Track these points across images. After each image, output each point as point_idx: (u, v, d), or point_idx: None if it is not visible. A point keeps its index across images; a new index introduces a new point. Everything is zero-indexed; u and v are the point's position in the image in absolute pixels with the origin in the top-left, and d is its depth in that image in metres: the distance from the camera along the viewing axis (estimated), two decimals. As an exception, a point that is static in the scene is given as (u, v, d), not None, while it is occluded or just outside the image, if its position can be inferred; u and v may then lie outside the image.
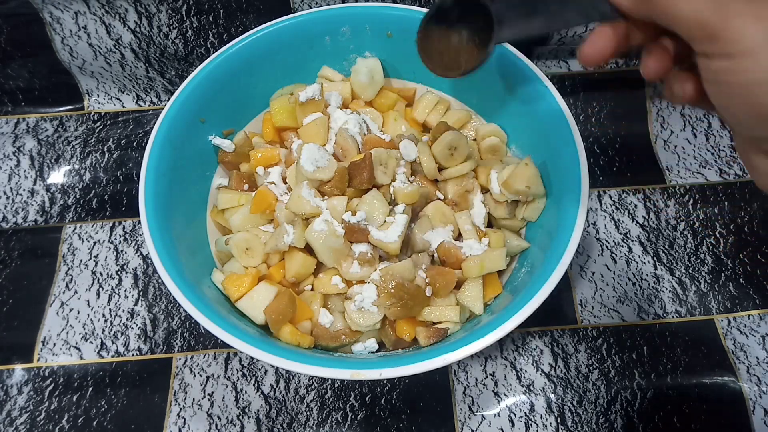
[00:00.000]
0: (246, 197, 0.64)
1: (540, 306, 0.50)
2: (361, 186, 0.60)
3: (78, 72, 0.83)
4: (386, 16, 0.67)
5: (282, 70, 0.69)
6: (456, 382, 0.66)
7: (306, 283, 0.60)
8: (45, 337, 0.69)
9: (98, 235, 0.76)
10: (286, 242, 0.57)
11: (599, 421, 0.64)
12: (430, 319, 0.57)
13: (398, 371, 0.47)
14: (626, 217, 0.77)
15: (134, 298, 0.71)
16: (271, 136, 0.69)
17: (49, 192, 0.79)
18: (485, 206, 0.64)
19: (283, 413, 0.64)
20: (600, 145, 0.82)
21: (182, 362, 0.67)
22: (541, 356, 0.67)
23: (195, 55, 0.81)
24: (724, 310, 0.70)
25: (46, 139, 0.82)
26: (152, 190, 0.57)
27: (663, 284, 0.72)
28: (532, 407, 0.65)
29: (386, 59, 0.71)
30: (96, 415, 0.64)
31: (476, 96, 0.71)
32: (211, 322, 0.50)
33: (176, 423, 0.64)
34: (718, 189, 0.79)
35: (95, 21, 0.77)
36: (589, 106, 0.84)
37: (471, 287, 0.58)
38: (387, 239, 0.56)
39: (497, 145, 0.67)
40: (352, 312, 0.57)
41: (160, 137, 0.60)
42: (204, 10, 0.77)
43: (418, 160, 0.63)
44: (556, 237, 0.55)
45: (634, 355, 0.67)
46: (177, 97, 0.62)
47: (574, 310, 0.70)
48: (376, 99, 0.70)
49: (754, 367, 0.66)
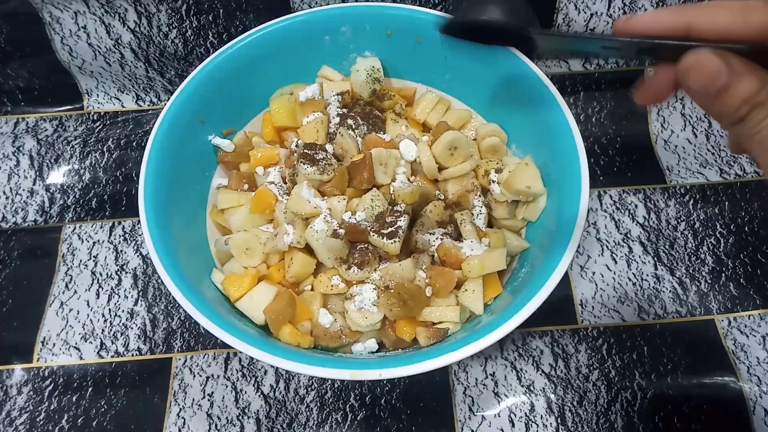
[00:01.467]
0: (246, 197, 0.64)
1: (540, 306, 0.50)
2: (361, 186, 0.60)
3: (77, 72, 0.83)
4: (386, 16, 0.67)
5: (282, 70, 0.69)
6: (456, 382, 0.66)
7: (306, 283, 0.60)
8: (45, 338, 0.69)
9: (98, 235, 0.76)
10: (286, 242, 0.57)
11: (599, 421, 0.64)
12: (430, 319, 0.57)
13: (398, 371, 0.47)
14: (626, 217, 0.77)
15: (134, 298, 0.71)
16: (270, 136, 0.69)
17: (49, 192, 0.79)
18: (485, 206, 0.64)
19: (283, 413, 0.64)
20: (600, 145, 0.82)
21: (182, 362, 0.67)
22: (542, 356, 0.67)
23: (195, 54, 0.81)
24: (724, 310, 0.70)
25: (45, 139, 0.82)
26: (152, 190, 0.57)
27: (663, 284, 0.72)
28: (532, 407, 0.64)
29: (386, 59, 0.70)
30: (96, 415, 0.64)
31: (476, 96, 0.71)
32: (211, 322, 0.50)
33: (176, 423, 0.64)
34: (718, 189, 0.79)
35: (95, 21, 0.77)
36: (589, 106, 0.84)
37: (471, 287, 0.58)
38: (387, 239, 0.56)
39: (497, 145, 0.67)
40: (352, 312, 0.57)
41: (160, 137, 0.60)
42: (204, 9, 0.76)
43: (418, 160, 0.63)
44: (556, 237, 0.55)
45: (634, 355, 0.67)
46: (177, 97, 0.62)
47: (574, 310, 0.70)
48: (375, 99, 0.70)
49: (754, 368, 0.66)
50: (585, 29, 0.78)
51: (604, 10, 0.76)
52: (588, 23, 0.77)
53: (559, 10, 0.77)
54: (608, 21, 0.77)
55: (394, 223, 0.57)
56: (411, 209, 0.60)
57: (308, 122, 0.65)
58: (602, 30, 0.78)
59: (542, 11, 0.77)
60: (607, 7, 0.76)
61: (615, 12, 0.76)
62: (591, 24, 0.77)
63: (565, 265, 0.51)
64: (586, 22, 0.77)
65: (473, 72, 0.68)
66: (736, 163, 0.81)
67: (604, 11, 0.76)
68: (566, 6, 0.76)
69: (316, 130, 0.64)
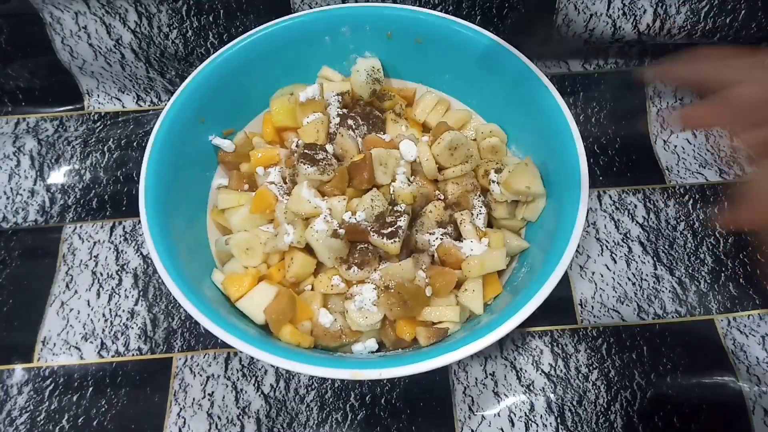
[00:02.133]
0: (246, 197, 0.64)
1: (540, 306, 0.50)
2: (361, 186, 0.60)
3: (78, 72, 0.83)
4: (386, 16, 0.67)
5: (282, 70, 0.69)
6: (456, 382, 0.66)
7: (306, 283, 0.60)
8: (45, 337, 0.69)
9: (98, 235, 0.76)
10: (286, 242, 0.57)
11: (599, 421, 0.64)
12: (430, 319, 0.57)
13: (398, 371, 0.47)
14: (626, 217, 0.77)
15: (134, 298, 0.71)
16: (271, 136, 0.69)
17: (49, 192, 0.79)
18: (485, 206, 0.64)
19: (283, 413, 0.64)
20: (600, 145, 0.82)
21: (182, 362, 0.67)
22: (541, 356, 0.67)
23: (195, 55, 0.81)
24: (724, 310, 0.70)
25: (46, 139, 0.82)
26: (152, 190, 0.57)
27: (663, 284, 0.72)
28: (532, 407, 0.65)
29: (386, 59, 0.71)
30: (96, 415, 0.64)
31: (476, 96, 0.71)
32: (211, 322, 0.50)
33: (176, 423, 0.64)
34: (718, 189, 0.79)
35: (95, 21, 0.77)
36: (589, 106, 0.84)
37: (471, 287, 0.58)
38: (387, 239, 0.56)
39: (497, 145, 0.67)
40: (352, 312, 0.57)
41: (160, 137, 0.60)
42: (204, 10, 0.77)
43: (418, 161, 0.63)
44: (556, 237, 0.55)
45: (634, 355, 0.67)
46: (177, 97, 0.62)
47: (574, 310, 0.70)
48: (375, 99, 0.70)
49: (753, 367, 0.66)
50: (585, 30, 0.78)
51: (603, 11, 0.76)
52: (588, 24, 0.77)
53: (559, 11, 0.77)
54: (608, 22, 0.77)
55: (394, 223, 0.57)
56: (411, 209, 0.60)
57: (308, 122, 0.65)
58: (602, 31, 0.78)
59: (541, 12, 0.77)
60: (607, 8, 0.76)
61: (615, 12, 0.76)
62: (591, 25, 0.77)
63: (564, 265, 0.51)
64: (586, 22, 0.77)
65: (473, 72, 0.68)
66: (735, 163, 0.81)
67: (603, 12, 0.76)
68: (566, 6, 0.76)
69: (316, 130, 0.64)
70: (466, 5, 0.77)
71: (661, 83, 0.40)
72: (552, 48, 0.83)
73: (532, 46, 0.66)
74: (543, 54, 0.84)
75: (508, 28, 0.79)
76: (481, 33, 0.65)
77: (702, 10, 0.75)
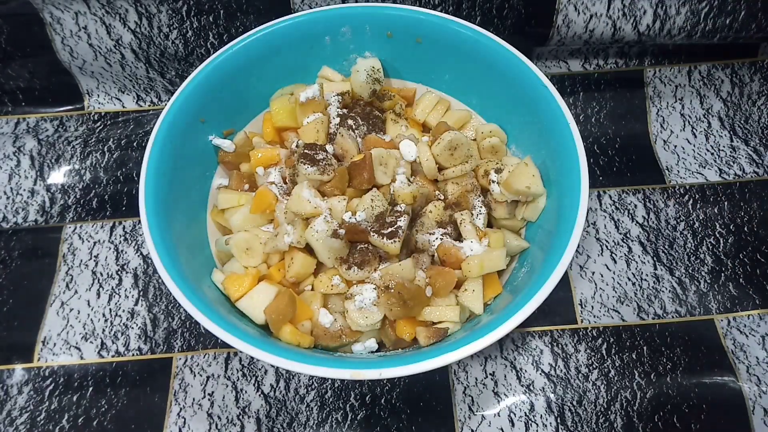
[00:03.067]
0: (246, 197, 0.64)
1: (540, 306, 0.50)
2: (361, 186, 0.60)
3: (78, 72, 0.83)
4: (386, 16, 0.67)
5: (282, 70, 0.69)
6: (456, 382, 0.66)
7: (306, 283, 0.60)
8: (45, 337, 0.69)
9: (98, 235, 0.76)
10: (287, 242, 0.57)
11: (599, 420, 0.64)
12: (430, 319, 0.57)
13: (398, 371, 0.47)
14: (626, 217, 0.77)
15: (134, 298, 0.71)
16: (271, 136, 0.69)
17: (50, 192, 0.79)
18: (485, 206, 0.64)
19: (283, 413, 0.64)
20: (600, 145, 0.82)
21: (182, 362, 0.67)
22: (541, 356, 0.67)
23: (195, 55, 0.81)
24: (723, 310, 0.70)
25: (46, 139, 0.82)
26: (152, 190, 0.57)
27: (663, 284, 0.72)
28: (532, 407, 0.65)
29: (386, 59, 0.71)
30: (96, 415, 0.65)
31: (476, 96, 0.71)
32: (211, 322, 0.50)
33: (176, 423, 0.64)
34: (717, 189, 0.79)
35: (95, 21, 0.77)
36: (589, 106, 0.84)
37: (471, 287, 0.58)
38: (387, 239, 0.56)
39: (497, 145, 0.67)
40: (352, 312, 0.57)
41: (161, 137, 0.60)
42: (204, 10, 0.77)
43: (418, 161, 0.63)
44: (556, 237, 0.55)
45: (633, 355, 0.67)
46: (177, 97, 0.62)
47: (574, 310, 0.70)
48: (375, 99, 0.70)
49: (753, 367, 0.66)
50: (585, 31, 0.78)
51: (603, 11, 0.76)
52: (588, 24, 0.77)
53: (559, 11, 0.77)
54: (608, 22, 0.77)
55: (394, 223, 0.57)
56: (411, 209, 0.60)
57: (308, 122, 0.65)
58: (602, 31, 0.78)
59: (541, 12, 0.77)
60: (607, 8, 0.76)
61: (614, 13, 0.76)
62: (591, 25, 0.77)
63: (564, 265, 0.51)
64: (586, 23, 0.77)
65: (473, 72, 0.68)
66: (735, 163, 0.81)
67: (603, 12, 0.76)
68: (566, 7, 0.76)
69: (316, 130, 0.64)
70: (466, 5, 0.77)
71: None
72: (552, 48, 0.83)
73: (532, 46, 0.66)
74: (543, 54, 0.84)
75: (508, 28, 0.79)
76: (481, 33, 0.65)
77: (702, 11, 0.75)
